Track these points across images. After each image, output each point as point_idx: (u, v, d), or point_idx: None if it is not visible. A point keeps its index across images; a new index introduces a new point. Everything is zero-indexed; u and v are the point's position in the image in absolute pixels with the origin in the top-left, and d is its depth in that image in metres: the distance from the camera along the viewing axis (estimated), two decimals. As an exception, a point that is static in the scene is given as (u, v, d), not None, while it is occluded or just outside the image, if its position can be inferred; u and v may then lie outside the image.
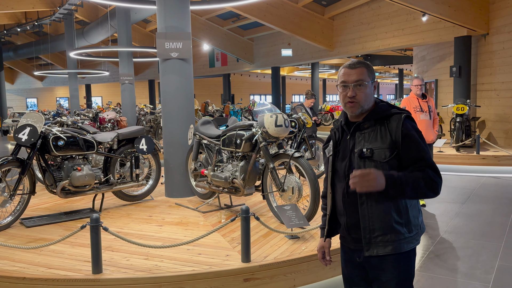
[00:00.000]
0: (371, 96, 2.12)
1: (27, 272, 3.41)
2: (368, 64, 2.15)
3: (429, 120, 6.02)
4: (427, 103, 6.06)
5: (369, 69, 2.13)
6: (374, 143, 2.05)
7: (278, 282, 3.54)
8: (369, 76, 2.11)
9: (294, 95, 41.65)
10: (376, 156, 2.04)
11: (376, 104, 2.14)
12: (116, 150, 5.43)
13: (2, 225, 4.57)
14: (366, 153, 2.05)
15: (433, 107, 6.14)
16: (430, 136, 6.02)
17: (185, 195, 6.01)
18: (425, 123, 5.99)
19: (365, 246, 2.08)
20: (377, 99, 2.18)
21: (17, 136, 4.55)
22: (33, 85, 35.94)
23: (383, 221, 2.03)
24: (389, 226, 2.03)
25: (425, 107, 6.03)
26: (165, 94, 6.00)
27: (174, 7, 5.84)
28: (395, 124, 2.04)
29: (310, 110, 7.91)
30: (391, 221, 2.03)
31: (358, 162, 2.07)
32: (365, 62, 2.15)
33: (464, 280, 3.87)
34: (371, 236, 2.06)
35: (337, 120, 2.71)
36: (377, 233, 2.05)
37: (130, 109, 14.71)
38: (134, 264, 3.55)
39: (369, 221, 2.05)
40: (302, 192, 4.40)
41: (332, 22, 17.27)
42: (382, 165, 2.02)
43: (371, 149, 2.05)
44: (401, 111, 2.10)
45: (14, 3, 18.63)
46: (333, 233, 2.32)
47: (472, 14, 11.09)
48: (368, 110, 2.11)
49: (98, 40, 19.76)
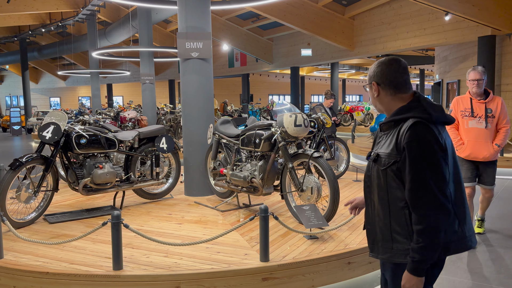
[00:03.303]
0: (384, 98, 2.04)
1: (50, 267, 3.48)
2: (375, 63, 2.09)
3: (483, 130, 4.55)
4: (485, 106, 4.55)
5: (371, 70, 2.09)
6: (383, 148, 2.00)
7: (296, 282, 3.53)
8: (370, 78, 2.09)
9: (313, 95, 41.45)
10: (379, 162, 1.99)
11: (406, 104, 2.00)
12: (137, 148, 5.50)
13: (26, 221, 4.69)
14: (372, 157, 2.04)
15: (499, 110, 4.55)
16: (481, 152, 4.58)
17: (204, 193, 6.04)
18: (475, 133, 4.57)
19: (369, 245, 2.12)
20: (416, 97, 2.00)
21: (41, 134, 4.65)
22: (56, 84, 36.68)
23: (383, 227, 2.01)
24: (389, 233, 1.99)
25: (481, 110, 4.55)
26: (185, 93, 6.05)
27: (195, 8, 5.89)
28: (403, 129, 1.90)
29: (329, 110, 7.87)
30: (390, 230, 1.98)
31: (368, 163, 2.09)
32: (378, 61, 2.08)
33: (486, 285, 3.79)
34: (374, 239, 2.07)
35: None
36: (379, 237, 2.04)
37: (150, 109, 14.87)
38: (154, 261, 3.59)
39: (372, 223, 2.07)
40: (321, 193, 4.38)
41: (352, 22, 17.13)
42: (382, 172, 1.97)
43: (377, 154, 2.01)
44: (417, 115, 1.90)
45: (39, 4, 19.05)
46: None
47: (497, 13, 10.85)
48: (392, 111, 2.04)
49: (120, 40, 20.04)
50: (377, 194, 2.03)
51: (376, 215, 2.04)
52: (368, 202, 2.11)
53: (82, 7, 19.35)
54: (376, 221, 2.04)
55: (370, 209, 2.09)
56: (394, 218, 1.96)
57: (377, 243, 2.05)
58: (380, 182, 1.99)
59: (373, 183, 2.05)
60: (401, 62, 2.02)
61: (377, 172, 2.00)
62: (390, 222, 1.97)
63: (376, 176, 2.02)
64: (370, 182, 2.09)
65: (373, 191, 2.06)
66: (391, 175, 1.93)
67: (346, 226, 4.41)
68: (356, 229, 4.36)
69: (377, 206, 2.03)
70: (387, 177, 1.95)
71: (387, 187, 1.96)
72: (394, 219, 1.96)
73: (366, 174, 2.13)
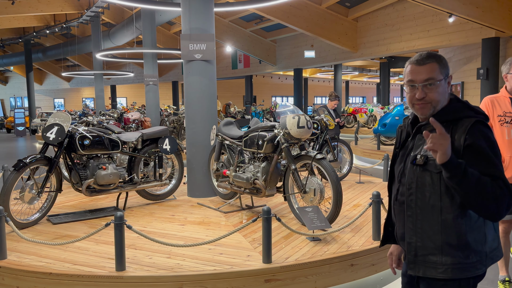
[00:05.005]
0: (445, 95, 1.81)
1: (53, 267, 3.50)
2: (439, 57, 1.82)
3: None
4: None
5: (441, 64, 1.80)
6: None
7: (299, 283, 3.53)
8: (441, 73, 1.79)
9: (316, 97, 41.44)
10: (431, 165, 1.75)
11: (449, 103, 1.82)
12: (140, 149, 5.51)
13: (30, 222, 4.70)
14: (419, 161, 1.78)
15: None
16: None
17: (207, 195, 6.05)
18: None
19: (409, 264, 1.84)
20: (452, 97, 1.84)
21: (45, 135, 4.67)
22: (60, 85, 36.83)
23: (431, 239, 1.77)
24: (438, 246, 1.76)
25: None
26: (189, 95, 6.07)
27: (198, 9, 5.90)
28: (461, 129, 1.71)
29: (333, 111, 7.86)
30: (442, 241, 1.75)
31: (409, 169, 1.83)
32: (436, 54, 1.81)
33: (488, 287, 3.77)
34: (417, 253, 1.81)
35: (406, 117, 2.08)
36: (424, 251, 1.79)
37: (154, 110, 14.90)
38: (157, 262, 3.60)
39: (415, 237, 1.81)
40: (324, 194, 4.38)
41: (356, 24, 17.12)
42: (435, 176, 1.74)
43: (425, 156, 1.76)
44: (475, 115, 1.74)
45: (43, 5, 19.16)
46: (390, 239, 2.11)
47: (501, 15, 10.82)
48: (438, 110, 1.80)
49: (124, 42, 20.11)
50: (427, 202, 1.79)
51: (422, 226, 1.80)
52: (409, 213, 1.84)
53: (86, 9, 19.44)
54: (421, 233, 1.80)
55: (412, 221, 1.84)
56: (449, 227, 1.75)
57: (422, 257, 1.80)
58: (433, 188, 1.77)
59: (419, 190, 1.80)
60: None
61: (430, 177, 1.76)
62: (442, 233, 1.75)
63: (427, 182, 1.78)
64: (414, 189, 1.82)
65: (417, 200, 1.81)
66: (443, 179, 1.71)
67: (349, 228, 4.41)
68: (359, 231, 4.36)
69: (425, 215, 1.79)
70: (440, 181, 1.73)
71: (441, 192, 1.75)
72: (449, 229, 1.75)
73: (408, 182, 1.85)
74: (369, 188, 6.50)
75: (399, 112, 11.22)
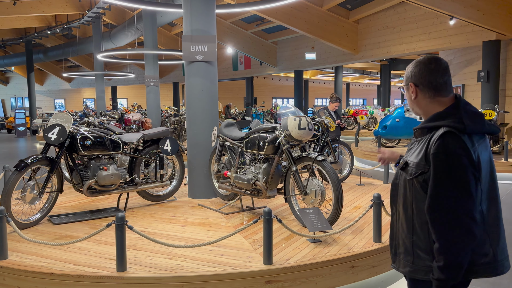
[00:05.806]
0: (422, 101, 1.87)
1: (54, 268, 3.50)
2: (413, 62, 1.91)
3: None
4: None
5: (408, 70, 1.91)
6: (413, 156, 1.84)
7: (300, 285, 3.53)
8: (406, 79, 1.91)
9: (317, 98, 41.46)
10: (407, 170, 1.85)
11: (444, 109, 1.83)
12: (141, 150, 5.51)
13: (31, 222, 4.71)
14: (400, 164, 1.90)
15: None
16: None
17: (208, 196, 6.06)
18: None
19: (391, 256, 2.01)
20: (457, 102, 1.82)
21: (46, 135, 4.68)
22: (61, 86, 36.87)
23: (406, 240, 1.89)
24: (410, 247, 1.87)
25: None
26: (190, 96, 6.07)
27: (200, 11, 5.92)
28: (433, 139, 1.74)
29: (334, 113, 7.87)
30: (412, 244, 1.86)
31: (397, 172, 1.96)
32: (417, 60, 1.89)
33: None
34: (396, 251, 1.96)
35: None
36: (401, 249, 1.93)
37: (155, 111, 14.92)
38: (158, 263, 3.60)
39: (396, 235, 1.97)
40: (324, 196, 4.38)
41: (356, 26, 17.15)
42: (407, 182, 1.85)
43: (406, 162, 1.87)
44: (451, 124, 1.72)
45: (45, 6, 19.19)
46: None
47: (501, 18, 10.84)
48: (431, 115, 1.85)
49: (125, 42, 20.13)
50: (402, 205, 1.90)
51: (400, 226, 1.92)
52: (394, 211, 1.99)
53: (87, 10, 19.48)
54: (399, 232, 1.93)
55: (395, 219, 1.98)
56: (417, 232, 1.83)
57: (398, 255, 1.94)
58: (406, 192, 1.86)
59: (399, 192, 1.93)
60: (441, 62, 1.83)
61: (404, 182, 1.87)
62: (412, 235, 1.85)
63: (403, 186, 1.89)
64: (396, 190, 1.96)
65: (398, 200, 1.94)
66: (417, 186, 1.79)
67: (350, 230, 4.41)
68: (359, 232, 4.36)
69: (401, 216, 1.91)
70: (413, 188, 1.81)
71: (412, 198, 1.83)
72: (417, 233, 1.83)
73: (394, 182, 1.99)
74: (370, 190, 6.51)
75: (399, 114, 11.21)
